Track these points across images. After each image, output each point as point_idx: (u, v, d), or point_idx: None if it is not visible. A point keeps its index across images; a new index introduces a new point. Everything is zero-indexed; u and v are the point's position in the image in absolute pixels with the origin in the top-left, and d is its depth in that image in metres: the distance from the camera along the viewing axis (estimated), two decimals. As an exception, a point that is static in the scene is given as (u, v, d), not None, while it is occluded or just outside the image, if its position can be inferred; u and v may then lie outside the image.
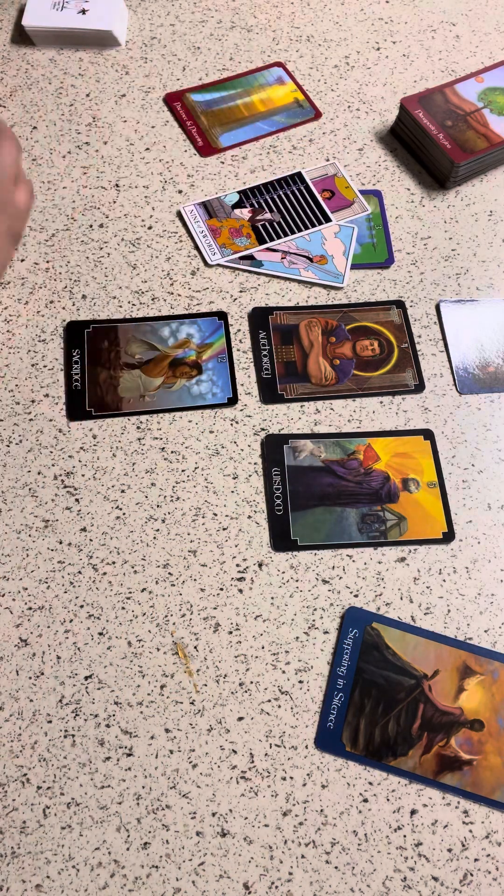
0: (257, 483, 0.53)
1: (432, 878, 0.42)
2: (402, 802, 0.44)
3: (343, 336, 0.58)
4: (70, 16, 0.70)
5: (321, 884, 0.42)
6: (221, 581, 0.49)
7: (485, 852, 0.43)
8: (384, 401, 0.56)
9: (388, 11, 0.76)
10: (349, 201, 0.65)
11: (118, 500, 0.52)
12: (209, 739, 0.45)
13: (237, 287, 0.60)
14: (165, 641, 0.48)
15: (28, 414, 0.54)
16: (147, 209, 0.63)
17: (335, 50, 0.73)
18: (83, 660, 0.47)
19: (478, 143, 0.64)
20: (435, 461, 0.54)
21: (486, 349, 0.59)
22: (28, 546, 0.50)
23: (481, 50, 0.74)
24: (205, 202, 0.64)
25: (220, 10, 0.75)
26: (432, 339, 0.59)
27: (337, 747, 0.45)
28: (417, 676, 0.47)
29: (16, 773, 0.44)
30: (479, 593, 0.50)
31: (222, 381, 0.56)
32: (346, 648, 0.47)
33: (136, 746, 0.45)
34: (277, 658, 0.47)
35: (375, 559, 0.51)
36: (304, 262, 0.61)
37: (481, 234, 0.64)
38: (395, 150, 0.68)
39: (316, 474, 0.53)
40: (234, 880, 0.42)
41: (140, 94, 0.70)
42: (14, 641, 0.47)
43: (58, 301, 0.59)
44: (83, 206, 0.63)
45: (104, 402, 0.55)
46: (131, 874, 0.42)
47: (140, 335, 0.58)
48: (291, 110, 0.69)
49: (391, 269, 0.62)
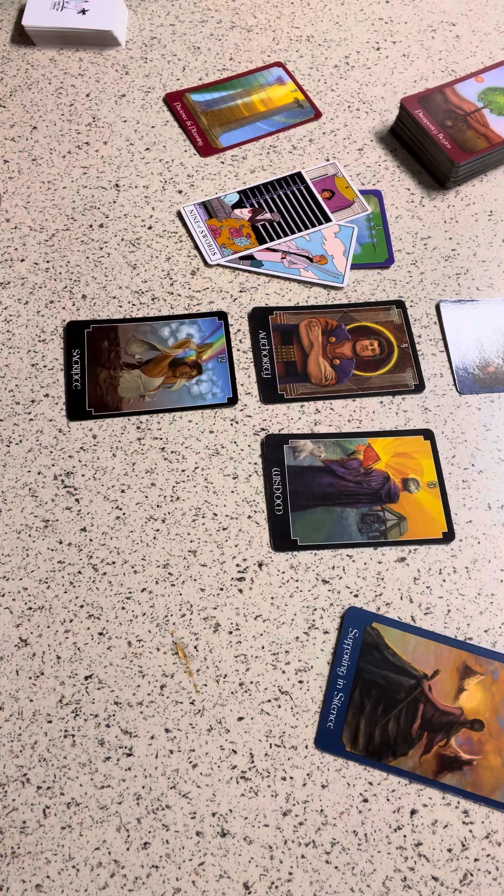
0: (257, 483, 0.53)
1: (432, 878, 0.42)
2: (402, 802, 0.44)
3: (343, 336, 0.58)
4: (70, 16, 0.70)
5: (321, 884, 0.42)
6: (221, 581, 0.49)
7: (485, 852, 0.43)
8: (384, 401, 0.56)
9: (388, 11, 0.76)
10: (349, 201, 0.65)
11: (118, 500, 0.52)
12: (209, 739, 0.45)
13: (237, 287, 0.60)
14: (165, 641, 0.48)
15: (28, 414, 0.54)
16: (147, 209, 0.63)
17: (335, 50, 0.73)
18: (83, 660, 0.47)
19: (478, 143, 0.64)
20: (435, 461, 0.54)
21: (486, 349, 0.59)
22: (28, 546, 0.50)
23: (481, 50, 0.74)
24: (205, 202, 0.64)
25: (220, 10, 0.75)
26: (432, 339, 0.59)
27: (337, 747, 0.45)
28: (417, 676, 0.47)
29: (16, 773, 0.44)
30: (479, 593, 0.50)
31: (222, 381, 0.56)
32: (346, 648, 0.47)
33: (136, 746, 0.45)
34: (277, 658, 0.47)
35: (375, 559, 0.51)
36: (304, 262, 0.61)
37: (481, 234, 0.64)
38: (395, 150, 0.68)
39: (316, 474, 0.53)
40: (234, 880, 0.42)
41: (140, 94, 0.70)
42: (14, 641, 0.47)
43: (58, 301, 0.59)
44: (83, 206, 0.63)
45: (104, 402, 0.55)
46: (131, 874, 0.42)
47: (140, 335, 0.58)
48: (291, 110, 0.69)
49: (391, 269, 0.62)
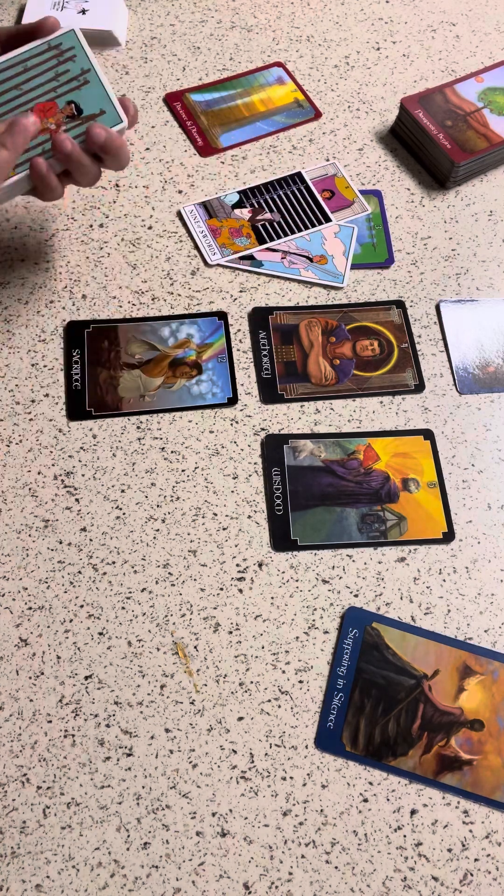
0: (257, 483, 0.53)
1: (432, 878, 0.42)
2: (402, 802, 0.44)
3: (343, 336, 0.58)
4: (70, 16, 0.70)
5: (321, 884, 0.42)
6: (221, 581, 0.49)
7: (485, 852, 0.43)
8: (384, 401, 0.56)
9: (388, 11, 0.76)
10: (349, 201, 0.65)
11: (118, 500, 0.52)
12: (209, 739, 0.45)
13: (237, 287, 0.60)
14: (165, 641, 0.48)
15: (28, 414, 0.54)
16: (147, 209, 0.63)
17: (335, 50, 0.73)
18: (83, 660, 0.47)
19: (478, 143, 0.64)
20: (435, 461, 0.54)
21: (486, 349, 0.59)
22: (28, 546, 0.50)
23: (481, 50, 0.74)
24: (205, 202, 0.64)
25: (220, 10, 0.75)
26: (432, 339, 0.59)
27: (337, 747, 0.45)
28: (417, 676, 0.47)
29: (16, 773, 0.44)
30: (479, 593, 0.50)
31: (222, 381, 0.56)
32: (346, 648, 0.47)
33: (136, 746, 0.45)
34: (277, 658, 0.47)
35: (375, 559, 0.51)
36: (304, 262, 0.61)
37: (481, 234, 0.64)
38: (395, 150, 0.68)
39: (316, 474, 0.53)
40: (234, 880, 0.42)
41: (140, 94, 0.70)
42: (14, 641, 0.47)
43: (58, 301, 0.59)
44: (83, 206, 0.63)
45: (104, 402, 0.55)
46: (131, 874, 0.42)
47: (140, 335, 0.58)
48: (291, 110, 0.69)
49: (391, 269, 0.62)
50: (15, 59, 0.48)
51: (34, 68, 0.48)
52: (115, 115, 0.48)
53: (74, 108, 0.48)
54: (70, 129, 0.48)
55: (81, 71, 0.48)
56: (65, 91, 0.48)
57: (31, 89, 0.48)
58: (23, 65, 0.48)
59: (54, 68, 0.48)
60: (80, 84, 0.48)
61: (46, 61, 0.48)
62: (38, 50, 0.48)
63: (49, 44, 0.49)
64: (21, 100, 0.48)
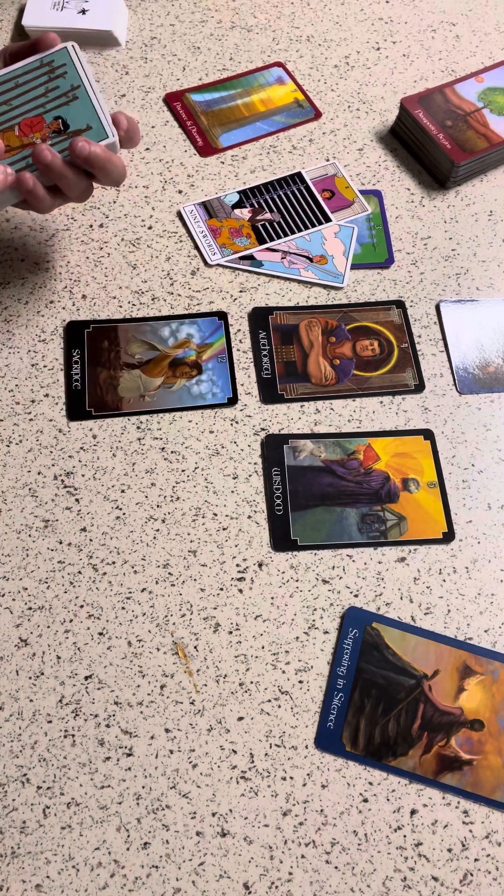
0: (257, 483, 0.53)
1: (432, 878, 0.42)
2: (402, 802, 0.44)
3: (343, 336, 0.58)
4: (70, 16, 0.70)
5: (321, 884, 0.42)
6: (221, 581, 0.49)
7: (485, 852, 0.43)
8: (384, 401, 0.56)
9: (388, 11, 0.76)
10: (349, 201, 0.65)
11: (118, 500, 0.52)
12: (209, 739, 0.45)
13: (237, 287, 0.60)
14: (165, 641, 0.48)
15: (28, 414, 0.54)
16: (147, 209, 0.63)
17: (335, 50, 0.73)
18: (83, 660, 0.47)
19: (478, 143, 0.64)
20: (435, 461, 0.54)
21: (486, 349, 0.59)
22: (28, 546, 0.50)
23: (481, 50, 0.74)
24: (205, 202, 0.64)
25: (220, 10, 0.75)
26: (432, 339, 0.59)
27: (337, 747, 0.45)
28: (417, 676, 0.47)
29: (16, 773, 0.44)
30: (479, 593, 0.50)
31: (222, 381, 0.56)
32: (346, 648, 0.47)
33: (136, 746, 0.45)
34: (277, 658, 0.47)
35: (375, 559, 0.51)
36: (304, 262, 0.61)
37: (481, 234, 0.64)
38: (395, 150, 0.68)
39: (316, 474, 0.53)
40: (234, 880, 0.42)
41: (140, 94, 0.70)
42: (14, 641, 0.47)
43: (58, 301, 0.59)
44: (83, 206, 0.63)
45: (104, 402, 0.55)
46: (131, 874, 0.42)
47: (140, 335, 0.58)
48: (291, 110, 0.69)
49: (391, 269, 0.62)
50: (7, 75, 0.49)
51: (25, 84, 0.49)
52: (102, 131, 0.49)
53: (61, 123, 0.48)
54: (55, 144, 0.48)
55: (71, 87, 0.49)
56: (53, 107, 0.49)
57: (21, 105, 0.48)
58: (14, 81, 0.49)
59: (44, 84, 0.49)
60: (68, 100, 0.49)
61: (37, 77, 0.49)
62: (30, 66, 0.49)
63: (42, 60, 0.49)
64: (10, 115, 0.48)
